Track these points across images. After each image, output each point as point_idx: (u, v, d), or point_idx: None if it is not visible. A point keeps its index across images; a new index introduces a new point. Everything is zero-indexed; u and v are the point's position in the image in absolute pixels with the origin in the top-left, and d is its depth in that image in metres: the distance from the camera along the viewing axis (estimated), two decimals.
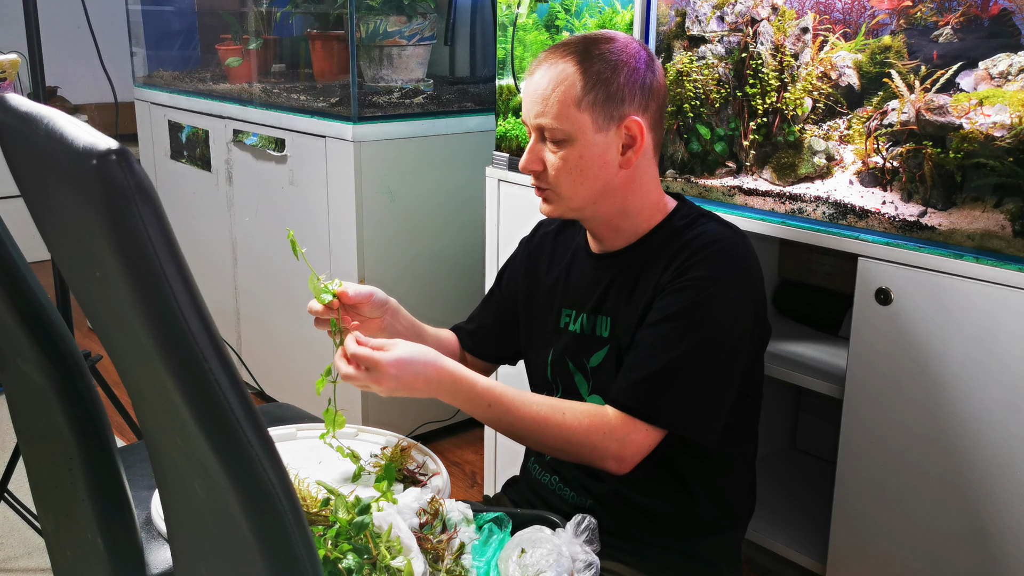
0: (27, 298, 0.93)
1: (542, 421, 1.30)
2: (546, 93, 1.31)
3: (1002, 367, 1.37)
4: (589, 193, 1.34)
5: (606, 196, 1.35)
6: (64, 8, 3.42)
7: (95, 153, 0.61)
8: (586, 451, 1.30)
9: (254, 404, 0.65)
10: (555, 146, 1.33)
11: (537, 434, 1.30)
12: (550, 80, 1.31)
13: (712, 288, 1.30)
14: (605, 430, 1.29)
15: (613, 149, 1.33)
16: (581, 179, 1.33)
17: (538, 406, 1.31)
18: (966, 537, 1.45)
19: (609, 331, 1.40)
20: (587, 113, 1.30)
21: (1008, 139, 1.33)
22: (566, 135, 1.31)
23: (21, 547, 2.35)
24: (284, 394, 3.01)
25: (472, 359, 1.62)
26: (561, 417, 1.30)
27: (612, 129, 1.32)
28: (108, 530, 0.96)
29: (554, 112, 1.31)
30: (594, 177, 1.33)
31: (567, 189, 1.34)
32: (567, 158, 1.32)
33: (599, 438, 1.29)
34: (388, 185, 2.61)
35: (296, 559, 0.67)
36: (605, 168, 1.33)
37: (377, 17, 2.70)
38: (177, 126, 3.30)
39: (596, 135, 1.31)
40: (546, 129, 1.32)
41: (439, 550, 1.14)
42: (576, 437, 1.29)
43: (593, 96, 1.30)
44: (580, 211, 1.38)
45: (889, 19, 1.44)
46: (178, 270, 0.62)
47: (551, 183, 1.35)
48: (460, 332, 1.63)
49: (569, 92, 1.30)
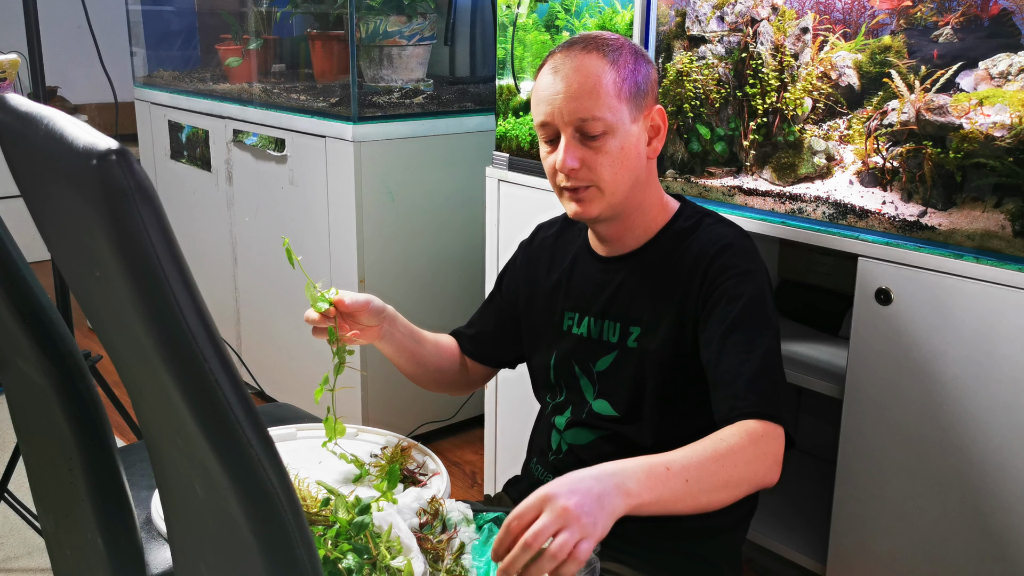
0: (27, 298, 0.93)
1: (719, 457, 1.16)
2: (586, 87, 1.30)
3: (1002, 367, 1.37)
4: (627, 185, 1.35)
5: (636, 188, 1.36)
6: (64, 8, 3.42)
7: (95, 153, 0.61)
8: (760, 467, 1.19)
9: (254, 404, 0.65)
10: (594, 140, 1.32)
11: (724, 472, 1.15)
12: (587, 75, 1.31)
13: (755, 278, 1.32)
14: (764, 437, 1.20)
15: (643, 139, 1.36)
16: (622, 170, 1.33)
17: (701, 448, 1.17)
18: (966, 537, 1.45)
19: (619, 336, 1.40)
20: (625, 103, 1.32)
21: (1008, 139, 1.33)
22: (608, 126, 1.31)
23: (21, 547, 2.35)
24: (284, 394, 3.01)
25: (472, 364, 1.62)
26: (726, 445, 1.17)
27: (641, 119, 1.35)
28: (108, 530, 0.96)
29: (597, 105, 1.30)
30: (631, 168, 1.34)
31: (610, 183, 1.33)
32: (609, 150, 1.32)
33: (764, 445, 1.19)
34: (388, 185, 2.61)
35: (296, 559, 0.67)
36: (639, 159, 1.35)
37: (377, 17, 2.70)
38: (177, 126, 3.30)
39: (632, 125, 1.33)
40: (588, 123, 1.31)
41: (439, 550, 1.14)
42: (749, 454, 1.18)
43: (627, 87, 1.32)
44: (616, 207, 1.36)
45: (889, 19, 1.44)
46: (178, 270, 0.62)
47: (592, 179, 1.33)
48: (460, 337, 1.63)
49: (609, 83, 1.31)
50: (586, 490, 1.03)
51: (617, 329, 1.40)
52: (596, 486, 1.04)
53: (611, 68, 1.31)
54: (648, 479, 1.09)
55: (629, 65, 1.33)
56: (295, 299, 2.85)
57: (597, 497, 1.03)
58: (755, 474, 1.18)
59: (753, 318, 1.30)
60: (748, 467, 1.17)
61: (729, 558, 1.46)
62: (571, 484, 1.03)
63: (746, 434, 1.19)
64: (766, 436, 1.20)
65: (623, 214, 1.38)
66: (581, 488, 1.03)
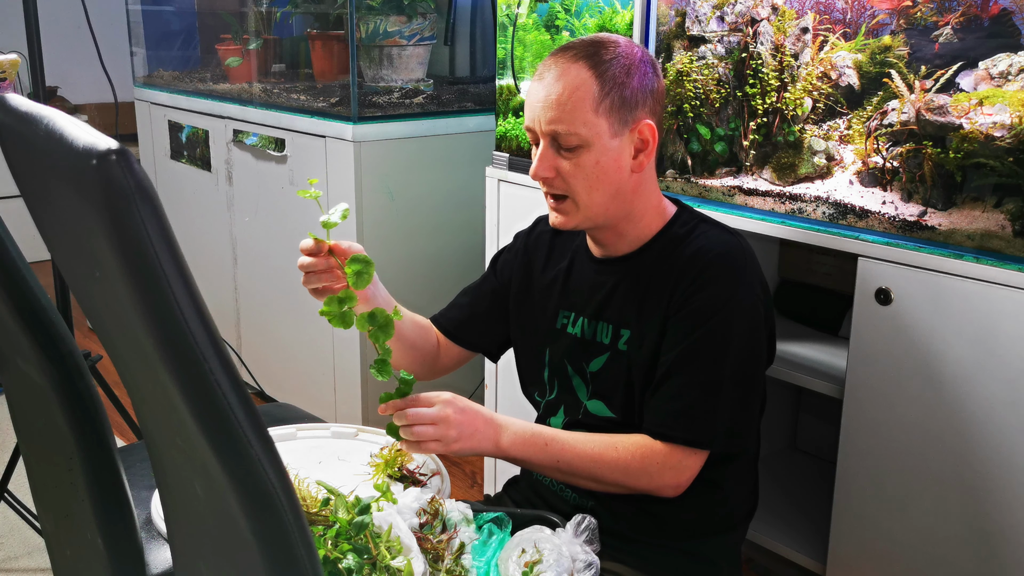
0: (27, 298, 0.93)
1: (598, 458, 1.31)
2: (561, 99, 1.28)
3: (1002, 367, 1.37)
4: (603, 199, 1.33)
5: (617, 201, 1.34)
6: (64, 8, 3.42)
7: (95, 153, 0.61)
8: (643, 482, 1.32)
9: (254, 404, 0.65)
10: (569, 152, 1.30)
11: (595, 472, 1.32)
12: (565, 85, 1.28)
13: (730, 303, 1.31)
14: (659, 460, 1.31)
15: (626, 153, 1.32)
16: (597, 185, 1.31)
17: (593, 443, 1.33)
18: (966, 537, 1.45)
19: (611, 338, 1.40)
20: (603, 118, 1.28)
21: (1008, 139, 1.33)
22: (582, 140, 1.28)
23: (21, 547, 2.35)
24: (284, 394, 3.01)
25: (447, 349, 1.59)
26: (615, 453, 1.31)
27: (626, 133, 1.31)
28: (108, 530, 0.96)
29: (571, 118, 1.28)
30: (608, 182, 1.32)
31: (583, 196, 1.32)
32: (583, 164, 1.30)
33: (655, 469, 1.31)
34: (388, 185, 2.61)
35: (296, 559, 0.67)
36: (619, 173, 1.32)
37: (377, 17, 2.70)
38: (177, 126, 3.30)
39: (611, 140, 1.30)
40: (561, 135, 1.29)
41: (439, 550, 1.14)
42: (632, 470, 1.31)
43: (609, 101, 1.28)
44: (594, 219, 1.36)
45: (889, 19, 1.44)
46: (178, 270, 0.62)
47: (566, 190, 1.33)
48: (444, 320, 1.59)
49: (586, 97, 1.27)
50: (470, 423, 1.27)
51: (609, 331, 1.40)
52: (481, 427, 1.29)
53: (594, 80, 1.28)
54: (523, 444, 1.31)
55: (618, 78, 1.29)
56: (295, 299, 2.85)
57: (472, 434, 1.27)
58: (635, 486, 1.32)
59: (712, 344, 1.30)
60: (627, 478, 1.32)
61: (729, 558, 1.46)
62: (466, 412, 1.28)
63: (641, 452, 1.31)
64: (665, 460, 1.31)
65: (609, 224, 1.37)
66: (469, 419, 1.27)
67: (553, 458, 1.32)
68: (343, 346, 2.70)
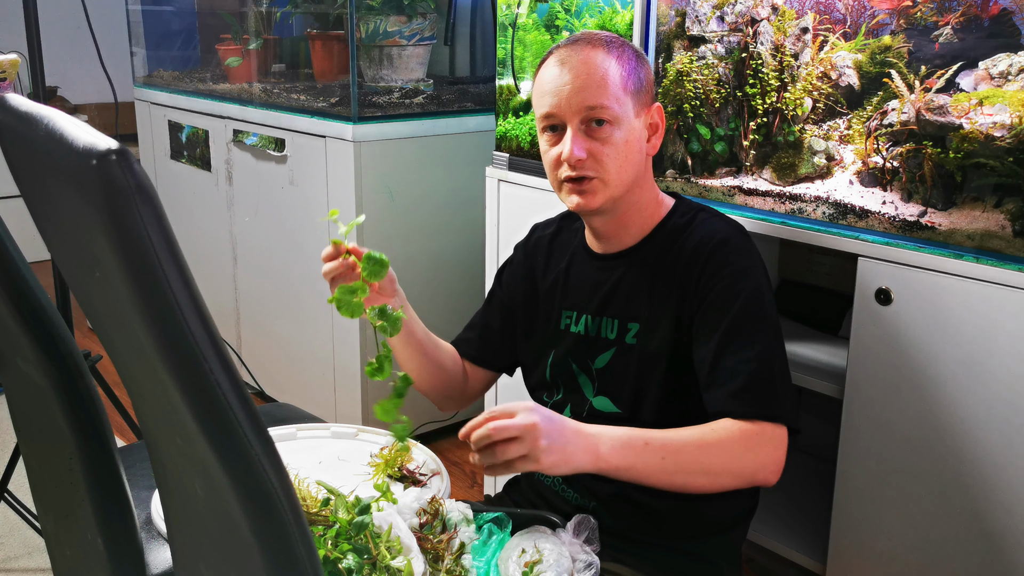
0: (27, 298, 0.93)
1: (702, 444, 1.21)
2: (594, 77, 1.32)
3: (1002, 367, 1.37)
4: (629, 178, 1.36)
5: (635, 185, 1.38)
6: (64, 8, 3.42)
7: (95, 153, 0.61)
8: (748, 462, 1.23)
9: (254, 404, 0.65)
10: (600, 131, 1.33)
11: (704, 461, 1.21)
12: (595, 67, 1.33)
13: (752, 274, 1.33)
14: (755, 435, 1.22)
15: (644, 136, 1.38)
16: (626, 163, 1.34)
17: (687, 433, 1.22)
18: (966, 537, 1.45)
19: (617, 333, 1.40)
20: (630, 97, 1.34)
21: (1008, 139, 1.33)
22: (615, 117, 1.32)
23: (21, 547, 2.35)
24: (284, 394, 3.01)
25: (473, 372, 1.60)
26: (716, 435, 1.22)
27: (643, 115, 1.37)
28: (108, 530, 0.96)
29: (606, 94, 1.31)
30: (634, 161, 1.36)
31: (614, 174, 1.34)
32: (615, 141, 1.33)
33: (757, 443, 1.22)
34: (388, 185, 2.61)
35: (296, 559, 0.67)
36: (640, 154, 1.37)
37: (377, 17, 2.70)
38: (177, 126, 3.30)
39: (635, 120, 1.35)
40: (598, 110, 1.31)
41: (439, 550, 1.14)
42: (737, 450, 1.22)
43: (631, 82, 1.34)
44: (617, 200, 1.37)
45: (889, 19, 1.44)
46: (178, 270, 0.62)
47: (597, 170, 1.34)
48: (462, 343, 1.60)
49: (616, 76, 1.33)
50: (560, 433, 1.14)
51: (615, 326, 1.40)
52: (573, 439, 1.15)
53: (616, 62, 1.34)
54: (623, 448, 1.18)
55: (632, 62, 1.35)
56: (295, 299, 2.85)
57: (563, 447, 1.14)
58: (743, 469, 1.23)
59: (751, 318, 1.30)
60: (734, 460, 1.23)
61: (729, 557, 1.46)
62: (554, 421, 1.14)
63: (738, 430, 1.23)
64: (761, 436, 1.23)
65: (620, 209, 1.39)
66: (558, 429, 1.14)
67: (657, 456, 1.19)
68: (343, 346, 2.70)
